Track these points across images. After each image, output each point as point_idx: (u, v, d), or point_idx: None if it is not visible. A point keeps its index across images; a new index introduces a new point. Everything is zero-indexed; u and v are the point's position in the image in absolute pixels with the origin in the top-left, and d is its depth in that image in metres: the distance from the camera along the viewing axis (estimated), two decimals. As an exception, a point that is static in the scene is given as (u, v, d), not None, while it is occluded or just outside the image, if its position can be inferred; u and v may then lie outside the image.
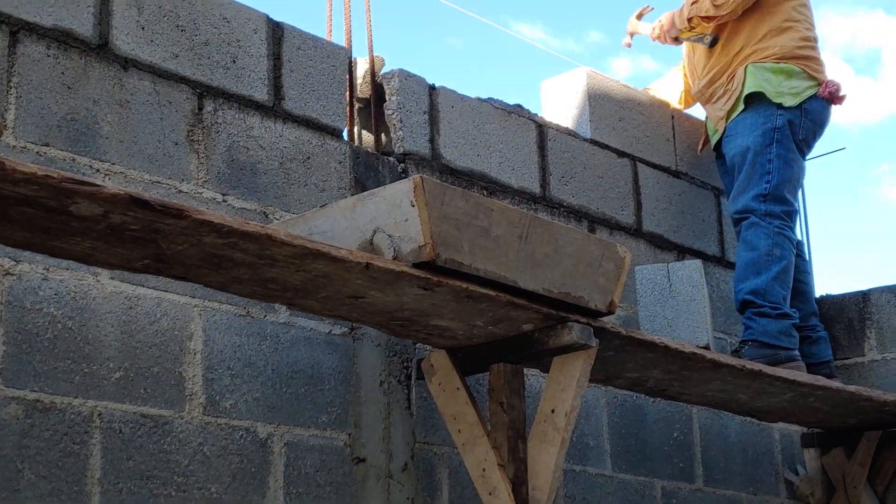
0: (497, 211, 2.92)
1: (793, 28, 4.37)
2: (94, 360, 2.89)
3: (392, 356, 3.50)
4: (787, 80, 4.31)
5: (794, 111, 4.29)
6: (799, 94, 4.31)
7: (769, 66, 4.32)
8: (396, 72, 3.82)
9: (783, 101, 4.28)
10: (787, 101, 4.28)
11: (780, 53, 4.33)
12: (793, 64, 4.33)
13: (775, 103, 4.28)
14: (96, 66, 3.06)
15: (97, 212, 2.29)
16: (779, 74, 4.31)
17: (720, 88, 4.44)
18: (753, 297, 4.14)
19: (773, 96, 4.28)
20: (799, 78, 4.32)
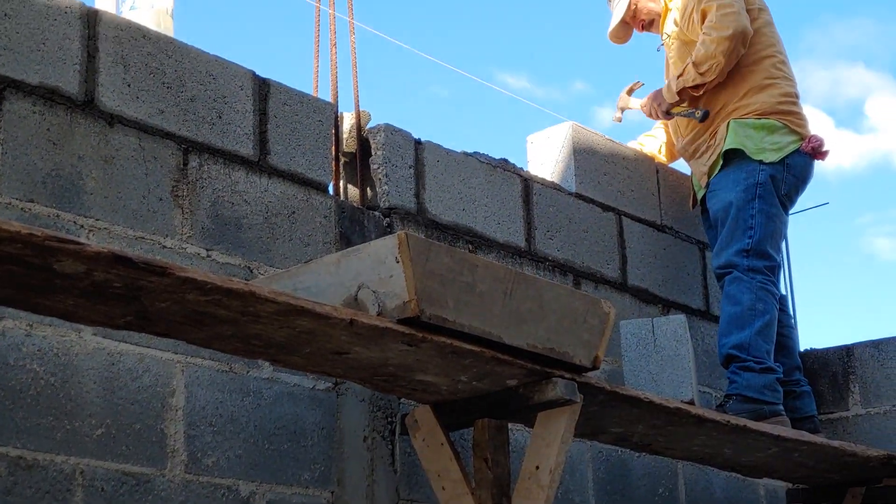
0: (482, 267, 2.92)
1: (774, 85, 4.42)
2: (77, 417, 2.87)
3: (376, 411, 3.49)
4: (769, 135, 4.35)
5: (776, 166, 4.32)
6: (781, 150, 4.34)
7: (751, 122, 4.36)
8: (382, 126, 3.84)
9: (764, 157, 4.31)
10: (769, 156, 4.32)
11: (762, 109, 4.37)
12: (775, 119, 4.37)
13: (757, 159, 4.31)
14: (82, 123, 3.07)
15: (80, 269, 2.29)
16: (760, 130, 4.35)
17: (703, 144, 4.48)
18: (737, 352, 4.14)
19: (754, 153, 4.32)
20: (781, 133, 4.36)
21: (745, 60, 4.41)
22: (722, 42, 4.29)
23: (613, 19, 4.71)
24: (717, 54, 4.31)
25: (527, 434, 3.70)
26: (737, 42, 4.31)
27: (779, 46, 4.51)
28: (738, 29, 4.30)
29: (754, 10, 4.46)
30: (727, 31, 4.30)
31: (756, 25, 4.44)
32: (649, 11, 4.66)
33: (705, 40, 4.33)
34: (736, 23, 4.30)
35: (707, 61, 4.32)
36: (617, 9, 4.69)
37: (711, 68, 4.34)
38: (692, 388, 3.80)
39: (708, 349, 4.65)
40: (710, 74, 4.35)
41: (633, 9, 4.67)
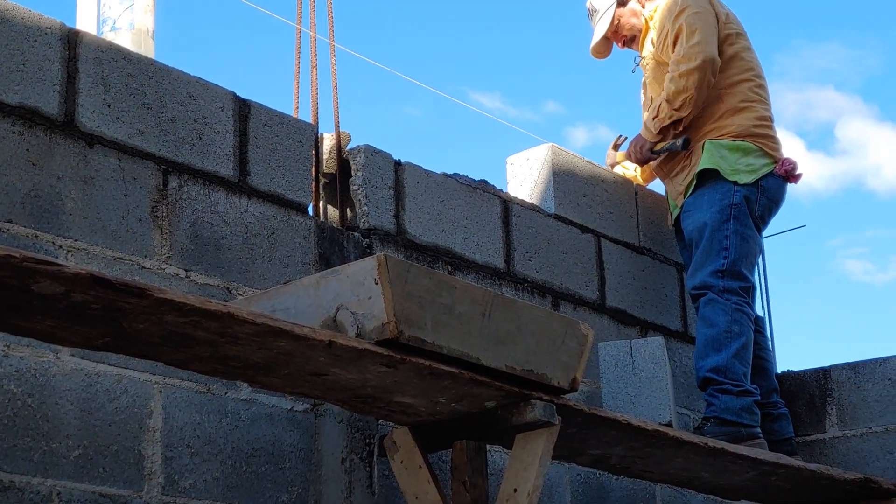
0: (460, 289, 2.93)
1: (750, 108, 4.45)
2: (54, 438, 2.86)
3: (354, 433, 3.49)
4: (743, 157, 4.38)
5: (750, 188, 4.35)
6: (755, 172, 4.38)
7: (726, 144, 4.39)
8: (362, 147, 3.85)
9: (738, 179, 4.34)
10: (743, 178, 4.35)
11: (738, 132, 4.40)
12: (749, 142, 4.40)
13: (731, 180, 4.34)
14: (61, 143, 3.07)
15: (58, 291, 2.29)
16: (735, 152, 4.38)
17: (678, 164, 4.51)
18: (714, 375, 4.16)
19: (729, 174, 4.35)
20: (755, 155, 4.39)
21: (722, 83, 4.45)
22: (691, 74, 4.32)
23: (596, 34, 4.74)
24: (688, 87, 4.33)
25: (505, 456, 3.70)
26: (706, 72, 4.33)
27: (757, 70, 4.55)
28: (706, 59, 4.32)
29: (732, 35, 4.49)
30: (695, 62, 4.32)
31: (734, 49, 4.48)
32: (632, 27, 4.68)
33: (674, 76, 4.36)
34: (703, 53, 4.32)
35: (679, 96, 4.35)
36: (599, 24, 4.72)
37: (685, 102, 4.37)
38: (670, 410, 3.81)
39: (686, 371, 4.66)
40: (685, 109, 4.38)
41: (616, 24, 4.69)
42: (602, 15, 4.70)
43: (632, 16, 4.67)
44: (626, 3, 4.68)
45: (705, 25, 4.38)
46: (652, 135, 4.50)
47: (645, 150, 4.56)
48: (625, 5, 4.68)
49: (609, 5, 4.68)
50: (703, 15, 4.41)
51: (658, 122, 4.45)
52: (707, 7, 4.45)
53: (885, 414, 4.55)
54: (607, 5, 4.68)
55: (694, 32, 4.35)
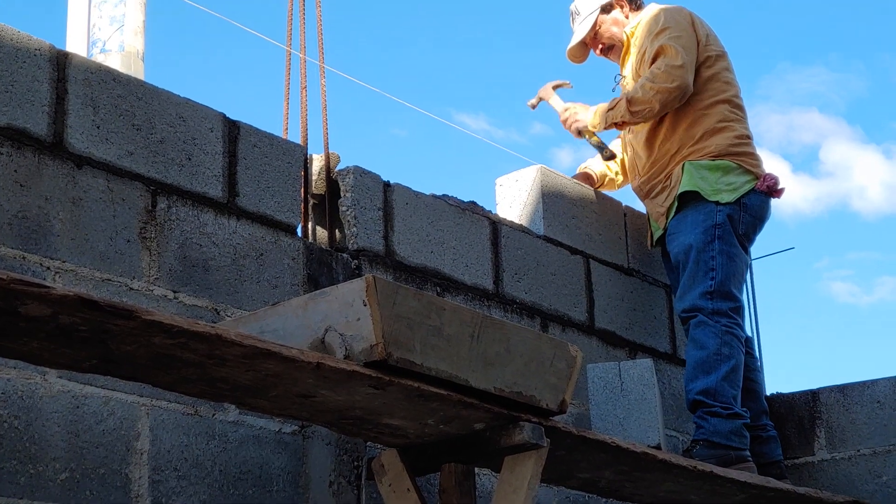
0: (449, 310, 2.93)
1: (728, 127, 4.47)
2: (41, 461, 2.85)
3: (342, 455, 3.48)
4: (724, 176, 4.39)
5: (733, 206, 4.36)
6: (737, 190, 4.39)
7: (705, 164, 4.40)
8: (351, 168, 3.86)
9: (720, 198, 4.35)
10: (725, 197, 4.36)
11: (717, 151, 4.42)
12: (729, 160, 4.41)
13: (713, 200, 4.35)
14: (50, 164, 3.07)
15: (46, 313, 2.28)
16: (715, 171, 4.39)
17: (658, 185, 4.52)
18: (704, 398, 4.15)
19: (710, 194, 4.36)
20: (736, 173, 4.40)
21: (700, 105, 4.47)
22: (663, 92, 4.35)
23: (574, 37, 4.72)
24: (654, 101, 4.36)
25: (493, 479, 3.69)
26: (676, 96, 4.37)
27: (735, 91, 4.56)
28: (681, 85, 4.35)
29: (712, 56, 4.51)
30: (671, 83, 4.35)
31: (713, 71, 4.50)
32: (611, 36, 4.68)
33: (646, 85, 4.37)
34: (681, 79, 4.35)
35: (641, 104, 4.38)
36: (580, 27, 4.70)
37: (642, 112, 4.40)
38: (659, 432, 3.80)
39: (675, 393, 4.66)
40: (639, 117, 4.43)
41: (597, 30, 4.69)
42: (584, 19, 4.68)
43: (613, 24, 4.67)
44: (610, 11, 4.67)
45: (688, 52, 4.41)
46: (597, 125, 4.55)
47: (575, 128, 4.62)
48: (609, 13, 4.67)
49: (593, 10, 4.67)
50: (686, 40, 4.42)
51: (611, 117, 4.48)
52: (689, 32, 4.47)
53: (873, 436, 4.55)
54: (591, 10, 4.67)
55: (678, 55, 4.37)
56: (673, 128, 4.47)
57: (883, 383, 4.60)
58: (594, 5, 4.67)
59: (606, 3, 4.67)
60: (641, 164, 4.58)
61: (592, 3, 4.68)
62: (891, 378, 4.59)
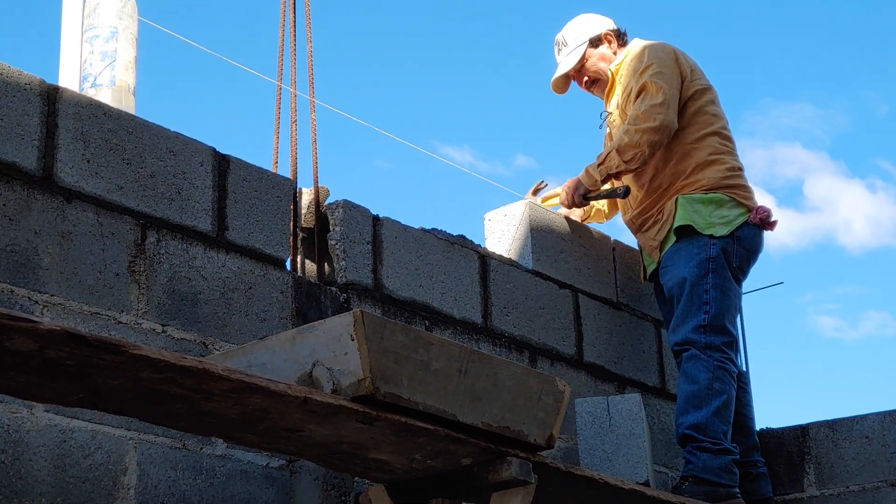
0: (436, 345, 2.93)
1: (719, 160, 4.47)
2: (27, 496, 2.84)
3: (330, 490, 3.47)
4: (717, 209, 4.40)
5: (726, 239, 4.37)
6: (730, 223, 4.40)
7: (698, 197, 4.41)
8: (341, 202, 3.87)
9: (714, 231, 4.36)
10: (718, 230, 4.37)
11: (709, 185, 4.43)
12: (721, 193, 4.42)
13: (707, 234, 4.36)
14: (39, 198, 3.07)
15: (33, 347, 2.28)
16: (708, 205, 4.40)
17: (651, 219, 4.53)
18: (694, 432, 4.14)
19: (704, 227, 4.37)
20: (728, 206, 4.41)
21: (689, 139, 4.48)
22: (647, 133, 4.35)
23: (560, 69, 4.71)
24: (642, 143, 4.36)
25: (482, 513, 3.68)
26: (662, 135, 4.37)
27: (723, 122, 4.58)
28: (664, 123, 4.36)
29: (698, 90, 4.52)
30: (653, 122, 4.35)
31: (699, 104, 4.51)
32: (597, 70, 4.68)
33: (630, 129, 4.38)
34: (663, 116, 4.36)
35: (631, 150, 4.37)
36: (567, 59, 4.69)
37: (635, 157, 4.39)
38: (648, 467, 3.80)
39: (664, 427, 4.66)
40: (634, 163, 4.41)
41: (583, 64, 4.70)
42: (572, 51, 4.67)
43: (601, 59, 4.66)
44: (598, 45, 4.67)
45: (670, 89, 4.41)
46: (593, 181, 4.50)
47: (579, 196, 4.56)
48: (597, 47, 4.67)
49: (581, 43, 4.66)
50: (669, 77, 4.43)
51: (605, 170, 4.45)
52: (673, 68, 4.47)
53: (861, 472, 4.55)
54: (579, 42, 4.67)
55: (659, 92, 4.38)
56: (664, 162, 4.48)
57: (872, 418, 4.60)
58: (583, 38, 4.67)
59: (595, 37, 4.67)
60: (633, 198, 4.59)
61: (581, 36, 4.68)
62: (879, 413, 4.59)
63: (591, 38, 4.67)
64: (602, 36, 4.68)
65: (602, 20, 4.73)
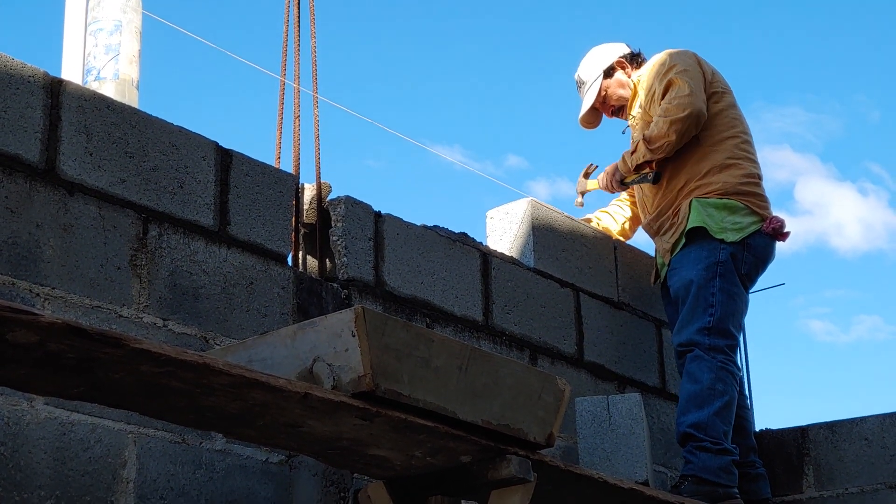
0: (437, 342, 2.93)
1: (736, 165, 4.49)
2: (26, 489, 2.83)
3: (329, 486, 3.47)
4: (730, 215, 4.41)
5: (736, 245, 4.38)
6: (742, 230, 4.40)
7: (712, 202, 4.42)
8: (343, 198, 3.87)
9: (725, 237, 4.37)
10: (730, 236, 4.37)
11: (723, 189, 4.44)
12: (736, 200, 4.43)
13: (718, 238, 4.37)
14: (41, 191, 3.07)
15: (33, 340, 2.28)
16: (722, 210, 4.41)
17: (667, 222, 4.54)
18: (694, 431, 4.15)
19: (716, 232, 4.38)
20: (742, 214, 4.42)
21: (708, 140, 4.49)
22: (676, 123, 4.38)
23: (584, 105, 4.80)
24: (670, 133, 4.39)
25: (480, 511, 3.68)
26: (690, 124, 4.40)
27: (743, 127, 4.60)
28: (693, 111, 4.38)
29: (718, 92, 4.55)
30: (682, 112, 4.39)
31: (719, 107, 4.53)
32: (619, 98, 4.75)
33: (659, 121, 4.42)
34: (692, 105, 4.39)
35: (659, 140, 4.42)
36: (588, 95, 4.77)
37: (662, 147, 4.43)
38: (647, 467, 3.80)
39: (664, 427, 4.66)
40: (660, 152, 4.45)
41: (604, 95, 4.75)
42: (590, 87, 4.76)
43: (619, 87, 4.74)
44: (612, 75, 4.74)
45: (695, 80, 4.46)
46: (627, 168, 4.59)
47: (616, 181, 4.66)
48: (611, 76, 4.74)
49: (596, 77, 4.74)
50: (692, 72, 4.48)
51: (635, 159, 4.53)
52: (695, 66, 4.52)
53: (861, 475, 4.54)
54: (594, 77, 4.75)
55: (685, 85, 4.42)
56: (681, 163, 4.49)
57: (871, 420, 4.59)
58: (597, 72, 4.75)
59: (608, 68, 4.74)
60: (650, 202, 4.61)
61: (595, 71, 4.75)
62: (878, 416, 4.59)
63: (605, 69, 4.74)
64: (614, 65, 4.75)
65: (612, 49, 4.79)
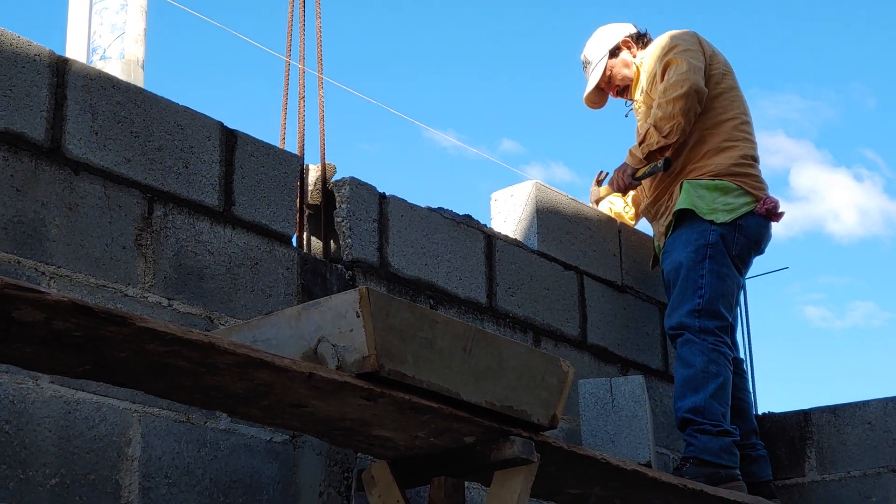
0: (442, 323, 2.94)
1: (733, 147, 4.48)
2: (31, 466, 2.85)
3: (333, 465, 3.48)
4: (721, 196, 4.40)
5: (727, 227, 4.36)
6: (734, 211, 4.39)
7: (704, 183, 4.42)
8: (347, 179, 3.87)
9: (715, 218, 4.36)
10: (720, 217, 4.36)
11: (716, 171, 4.43)
12: (728, 181, 4.42)
13: (708, 219, 4.36)
14: (47, 170, 3.08)
15: (39, 318, 2.29)
16: (713, 191, 4.40)
17: (663, 205, 4.54)
18: (693, 416, 4.16)
19: (706, 213, 4.37)
20: (734, 194, 4.41)
21: (706, 123, 4.48)
22: (678, 101, 4.36)
23: (589, 85, 4.79)
24: (675, 114, 4.37)
25: (483, 493, 3.69)
26: (692, 100, 4.37)
27: (742, 108, 4.58)
28: (692, 87, 4.36)
29: (718, 74, 4.53)
30: (681, 90, 4.36)
31: (719, 89, 4.52)
32: (623, 78, 4.73)
33: (661, 102, 4.40)
34: (689, 81, 4.36)
35: (667, 122, 4.38)
36: (592, 75, 4.76)
37: (673, 129, 4.39)
38: (649, 449, 3.81)
39: (667, 410, 4.66)
40: (673, 136, 4.41)
41: (608, 75, 4.74)
42: (595, 66, 4.75)
43: (623, 66, 4.72)
44: (617, 55, 4.73)
45: (692, 57, 4.44)
46: (638, 160, 4.51)
47: (627, 177, 4.59)
48: (616, 56, 4.73)
49: (601, 57, 4.73)
50: (693, 51, 4.47)
51: (646, 147, 4.46)
52: (696, 44, 4.51)
53: (863, 458, 4.55)
54: (599, 56, 4.74)
55: (683, 62, 4.40)
56: (680, 147, 4.48)
57: (874, 405, 4.60)
58: (602, 52, 4.74)
59: (613, 48, 4.73)
60: (648, 187, 4.61)
61: (600, 50, 4.74)
62: (882, 399, 4.60)
63: (610, 48, 4.73)
64: (620, 44, 4.74)
65: (618, 28, 4.78)
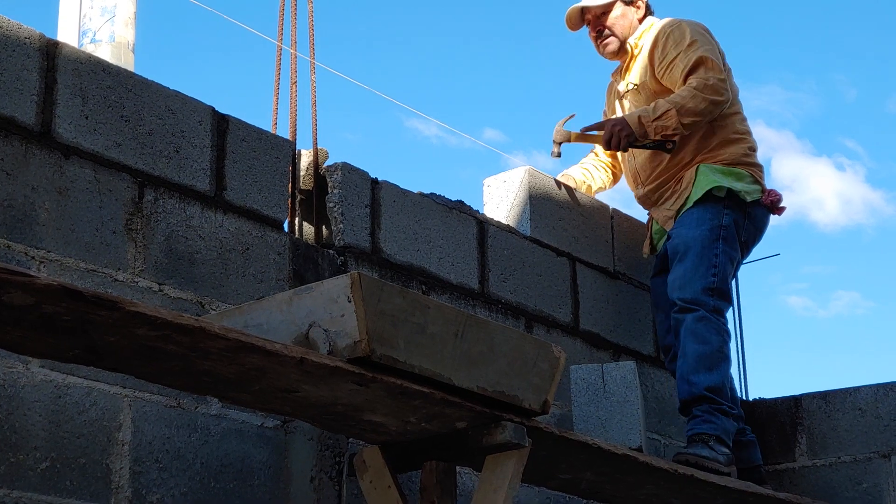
0: (433, 308, 2.94)
1: (742, 139, 4.52)
2: (21, 450, 2.84)
3: (324, 451, 3.48)
4: (736, 181, 4.43)
5: (738, 213, 4.39)
6: (750, 195, 4.43)
7: (719, 168, 4.44)
8: (340, 165, 3.86)
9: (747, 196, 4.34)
10: (743, 196, 4.36)
11: (730, 160, 4.46)
12: (742, 169, 4.47)
13: (722, 203, 4.35)
14: (37, 153, 3.06)
15: (29, 302, 2.28)
16: (728, 176, 4.43)
17: (668, 191, 4.52)
18: (713, 395, 4.15)
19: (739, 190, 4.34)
20: (747, 181, 4.45)
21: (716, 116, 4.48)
22: (711, 105, 4.33)
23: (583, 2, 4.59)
24: (703, 113, 4.33)
25: (475, 478, 3.69)
26: (720, 109, 4.39)
27: (741, 104, 4.61)
28: (726, 100, 4.38)
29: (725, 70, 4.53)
30: (720, 97, 4.34)
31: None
32: (613, 25, 4.56)
33: (698, 95, 4.31)
34: (728, 93, 4.38)
35: (692, 116, 4.32)
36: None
37: (692, 124, 4.36)
38: (641, 435, 3.81)
39: (658, 396, 4.67)
40: (689, 129, 4.39)
41: (605, 11, 4.56)
42: None
43: (623, 18, 4.58)
44: (630, 4, 4.58)
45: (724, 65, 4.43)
46: (643, 133, 4.36)
47: (625, 140, 4.39)
48: (628, 5, 4.57)
49: None
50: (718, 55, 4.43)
51: (660, 127, 4.34)
52: (716, 48, 4.48)
53: (854, 444, 4.57)
54: None
55: (720, 69, 4.37)
56: (688, 137, 4.46)
57: (865, 391, 4.61)
58: None
59: None
60: (646, 174, 4.56)
61: None
62: (872, 385, 4.61)
63: None
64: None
65: None
